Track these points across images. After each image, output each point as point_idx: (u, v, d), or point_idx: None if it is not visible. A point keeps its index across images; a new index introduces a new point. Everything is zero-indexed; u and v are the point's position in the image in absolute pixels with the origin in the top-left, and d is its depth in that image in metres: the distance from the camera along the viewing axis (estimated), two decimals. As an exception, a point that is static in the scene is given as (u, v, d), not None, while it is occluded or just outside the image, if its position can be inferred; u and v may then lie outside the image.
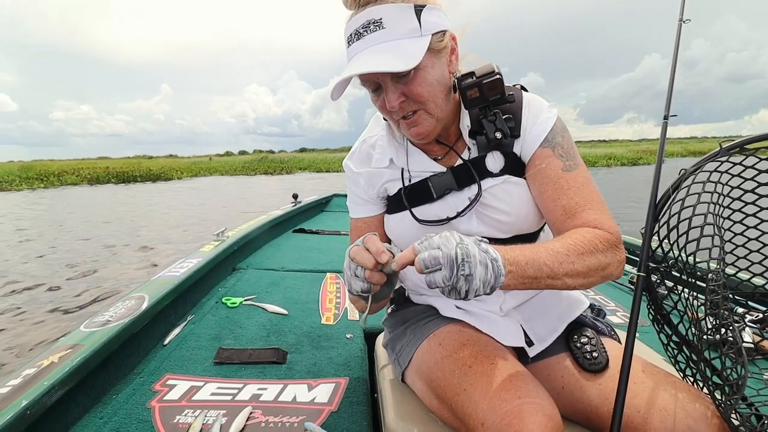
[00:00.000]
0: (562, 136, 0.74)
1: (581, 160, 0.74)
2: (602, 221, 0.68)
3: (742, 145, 0.66)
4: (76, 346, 1.06)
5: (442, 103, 0.71)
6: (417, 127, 0.71)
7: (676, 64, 0.84)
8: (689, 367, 0.72)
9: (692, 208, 0.64)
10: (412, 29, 0.65)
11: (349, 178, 0.88)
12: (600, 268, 0.64)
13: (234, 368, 1.21)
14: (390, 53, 0.64)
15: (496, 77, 0.69)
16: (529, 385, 0.64)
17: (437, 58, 0.69)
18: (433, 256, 0.54)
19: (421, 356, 0.79)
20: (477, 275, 0.53)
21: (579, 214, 0.69)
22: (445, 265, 0.53)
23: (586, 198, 0.70)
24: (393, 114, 0.72)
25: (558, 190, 0.72)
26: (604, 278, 0.66)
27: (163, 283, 1.52)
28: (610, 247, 0.65)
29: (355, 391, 1.09)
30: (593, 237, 0.64)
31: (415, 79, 0.67)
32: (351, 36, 0.68)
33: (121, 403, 1.03)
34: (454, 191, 0.78)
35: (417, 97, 0.68)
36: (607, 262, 0.65)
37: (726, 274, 0.66)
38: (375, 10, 0.65)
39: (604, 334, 0.84)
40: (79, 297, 3.79)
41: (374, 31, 0.65)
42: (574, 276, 0.62)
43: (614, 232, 0.67)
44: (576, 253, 0.62)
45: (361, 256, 0.61)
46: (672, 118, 0.84)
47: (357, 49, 0.67)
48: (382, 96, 0.69)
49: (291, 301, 1.73)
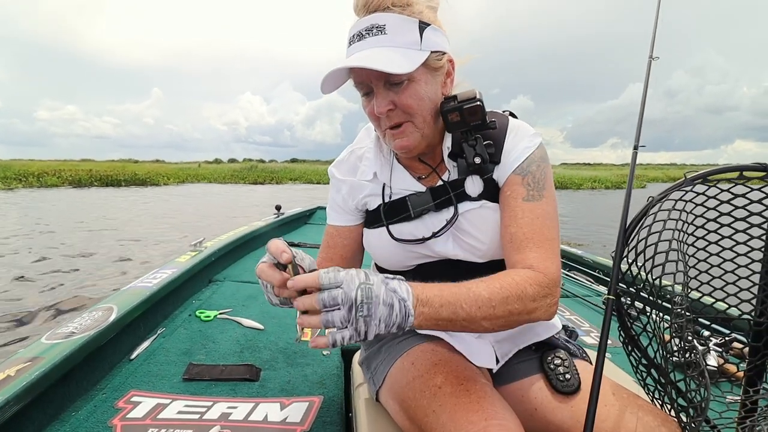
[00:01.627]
0: (538, 166, 0.75)
1: (551, 194, 0.75)
2: (540, 262, 0.68)
3: (706, 176, 0.70)
4: (36, 358, 1.01)
5: (430, 121, 0.72)
6: (401, 140, 0.72)
7: (646, 98, 0.89)
8: (657, 389, 0.74)
9: (658, 234, 0.66)
10: (413, 41, 0.67)
11: (332, 184, 0.89)
12: (525, 312, 0.63)
13: (204, 385, 1.17)
14: (386, 56, 0.65)
15: (477, 104, 0.71)
16: (497, 407, 0.64)
17: (432, 76, 0.71)
18: (332, 296, 0.52)
19: (394, 375, 0.79)
20: (378, 315, 0.53)
21: (522, 248, 0.69)
22: (344, 304, 0.52)
23: (535, 231, 0.70)
24: (380, 122, 0.72)
25: (511, 218, 0.72)
26: (529, 321, 0.66)
27: (133, 293, 1.47)
28: (541, 291, 0.65)
29: (329, 410, 1.07)
30: (523, 280, 0.64)
31: (406, 89, 0.68)
32: (353, 37, 0.69)
33: (80, 421, 0.98)
34: (432, 212, 0.79)
35: (406, 108, 0.69)
36: (534, 306, 0.64)
37: (690, 298, 0.68)
38: (380, 16, 0.67)
39: (576, 356, 0.85)
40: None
41: (376, 34, 0.67)
42: (492, 319, 0.61)
43: (550, 274, 0.67)
44: (500, 298, 0.61)
45: (266, 273, 0.58)
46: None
47: (356, 49, 0.68)
48: (373, 101, 0.70)
49: (268, 315, 1.70)
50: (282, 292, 0.59)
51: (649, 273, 0.68)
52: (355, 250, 0.89)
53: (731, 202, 0.69)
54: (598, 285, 2.33)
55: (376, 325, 0.53)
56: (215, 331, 1.53)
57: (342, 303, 0.52)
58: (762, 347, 0.67)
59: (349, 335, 0.53)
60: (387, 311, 0.53)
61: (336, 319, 0.53)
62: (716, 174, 0.70)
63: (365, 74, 0.68)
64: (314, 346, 0.55)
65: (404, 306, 0.54)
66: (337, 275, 0.54)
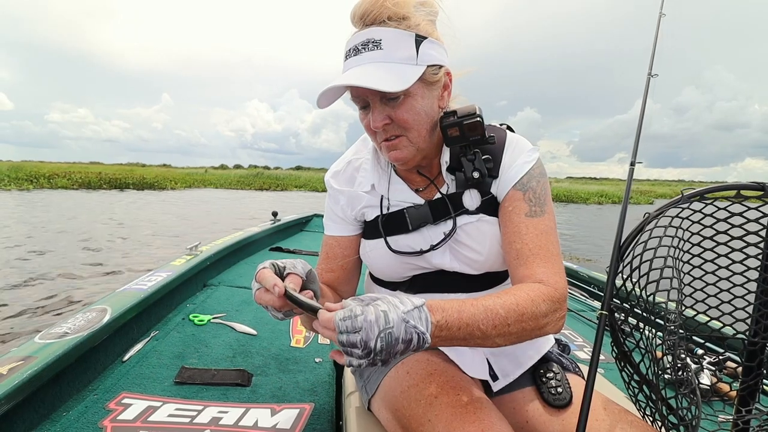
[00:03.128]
0: (537, 182, 0.75)
1: (551, 209, 0.75)
2: (549, 276, 0.68)
3: (702, 194, 0.70)
4: (29, 358, 1.00)
5: (426, 135, 0.73)
6: (396, 152, 0.73)
7: (644, 115, 0.90)
8: (648, 405, 0.74)
9: (653, 250, 0.67)
10: (408, 56, 0.67)
11: (329, 194, 0.88)
12: (537, 328, 0.64)
13: (195, 389, 1.16)
14: (382, 73, 0.65)
15: (476, 119, 0.71)
16: (493, 418, 0.64)
17: (429, 90, 0.71)
18: (351, 341, 0.52)
19: (387, 384, 0.79)
20: (396, 352, 0.54)
21: (529, 263, 0.70)
22: (362, 349, 0.52)
23: (541, 247, 0.70)
24: (377, 135, 0.73)
25: (515, 234, 0.73)
26: (539, 336, 0.66)
27: (127, 295, 1.46)
28: (552, 306, 0.65)
29: (320, 418, 1.06)
30: (537, 296, 0.64)
31: (403, 104, 0.69)
32: (349, 51, 0.69)
33: (71, 421, 0.97)
34: (430, 224, 0.79)
35: (402, 122, 0.69)
36: (546, 322, 0.64)
37: (684, 315, 0.69)
38: (377, 31, 0.67)
39: (568, 370, 0.85)
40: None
41: (372, 50, 0.67)
42: (506, 336, 0.61)
43: (559, 288, 0.67)
44: (515, 316, 0.61)
45: (264, 300, 0.61)
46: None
47: (351, 64, 0.68)
48: (369, 115, 0.71)
49: (261, 321, 1.69)
50: (283, 307, 0.61)
51: (644, 289, 0.68)
52: (356, 260, 0.89)
53: (728, 220, 0.69)
54: (592, 300, 2.33)
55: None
56: (208, 335, 1.52)
57: (361, 348, 0.52)
58: (756, 367, 0.67)
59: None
60: (404, 346, 0.53)
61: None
62: (713, 192, 0.70)
63: (361, 90, 0.68)
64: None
65: (422, 338, 0.54)
66: (354, 322, 0.52)
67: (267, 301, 0.61)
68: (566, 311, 0.69)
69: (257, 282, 0.62)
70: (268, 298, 0.60)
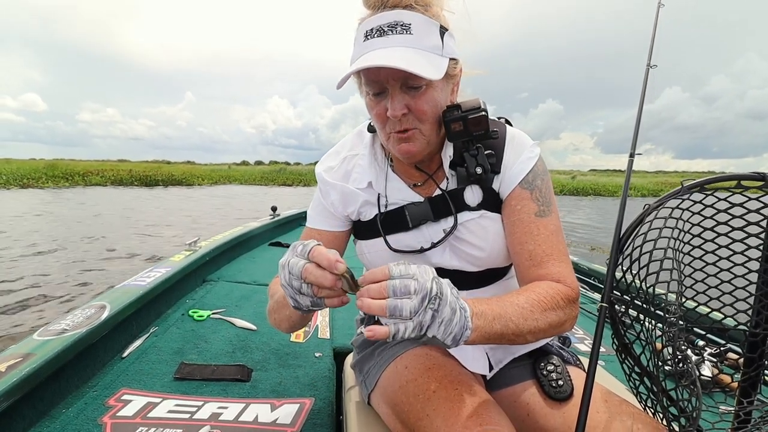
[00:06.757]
0: (542, 179, 0.74)
1: (555, 207, 0.75)
2: (565, 276, 0.69)
3: (702, 185, 0.70)
4: (28, 355, 1.00)
5: (437, 128, 0.71)
6: (408, 144, 0.70)
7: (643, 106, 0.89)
8: (649, 397, 0.73)
9: (653, 242, 0.66)
10: (436, 46, 0.65)
11: (319, 188, 0.84)
12: (558, 325, 0.64)
13: (195, 385, 1.16)
14: (418, 58, 0.62)
15: (481, 114, 0.69)
16: (492, 412, 0.64)
17: (446, 84, 0.69)
18: (405, 284, 0.50)
19: (387, 379, 0.78)
20: (443, 315, 0.51)
21: (544, 263, 0.70)
22: (417, 294, 0.49)
23: (553, 248, 0.71)
24: (388, 124, 0.69)
25: (527, 234, 0.72)
26: (556, 333, 0.67)
27: (127, 291, 1.46)
28: (569, 304, 0.66)
29: (320, 412, 1.06)
30: (555, 293, 0.65)
31: (424, 95, 0.66)
32: (372, 31, 0.65)
33: (70, 418, 0.97)
34: (430, 222, 0.77)
35: (420, 113, 0.67)
36: (565, 319, 0.65)
37: (685, 307, 0.68)
38: (405, 14, 0.64)
39: (569, 362, 0.85)
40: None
41: (401, 33, 0.63)
42: (535, 333, 0.61)
43: (575, 287, 0.68)
44: (540, 310, 0.61)
45: (315, 275, 0.53)
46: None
47: (377, 45, 0.64)
48: (383, 102, 0.67)
49: (261, 316, 1.69)
50: (322, 292, 0.55)
51: (644, 281, 0.67)
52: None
53: (728, 211, 0.68)
54: (592, 292, 2.33)
55: (438, 324, 0.51)
56: (208, 330, 1.52)
57: (415, 292, 0.49)
58: (757, 358, 0.67)
59: (412, 327, 0.50)
60: (450, 315, 0.51)
61: (405, 307, 0.49)
62: (714, 182, 0.69)
63: (383, 73, 0.64)
64: (371, 336, 0.50)
65: (464, 315, 0.53)
66: (408, 267, 0.52)
67: (318, 276, 0.53)
68: (579, 312, 0.70)
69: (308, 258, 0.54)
70: (320, 273, 0.53)
